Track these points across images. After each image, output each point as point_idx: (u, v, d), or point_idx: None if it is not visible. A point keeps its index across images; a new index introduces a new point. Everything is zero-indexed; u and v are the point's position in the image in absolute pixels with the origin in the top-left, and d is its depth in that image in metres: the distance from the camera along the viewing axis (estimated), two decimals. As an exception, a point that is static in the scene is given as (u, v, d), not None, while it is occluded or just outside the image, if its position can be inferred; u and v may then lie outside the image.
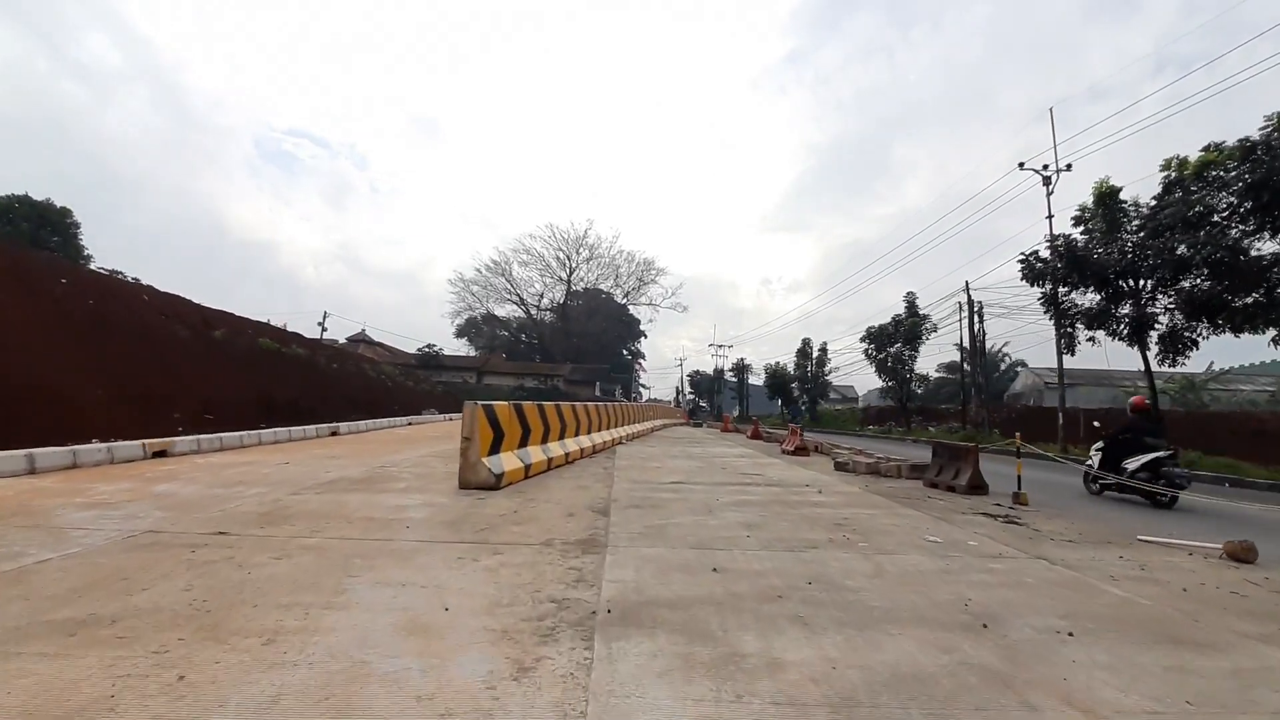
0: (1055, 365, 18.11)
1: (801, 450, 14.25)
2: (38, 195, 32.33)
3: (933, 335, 28.30)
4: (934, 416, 31.38)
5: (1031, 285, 15.84)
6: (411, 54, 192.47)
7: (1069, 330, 15.60)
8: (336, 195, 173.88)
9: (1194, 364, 15.91)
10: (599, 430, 14.38)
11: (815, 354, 44.03)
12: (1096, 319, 14.63)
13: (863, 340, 30.76)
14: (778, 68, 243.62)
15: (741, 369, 63.75)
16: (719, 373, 69.13)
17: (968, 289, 23.90)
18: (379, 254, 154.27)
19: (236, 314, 24.59)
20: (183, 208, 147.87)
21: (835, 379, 46.43)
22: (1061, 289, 15.57)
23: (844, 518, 6.17)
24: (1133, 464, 8.73)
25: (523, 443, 9.01)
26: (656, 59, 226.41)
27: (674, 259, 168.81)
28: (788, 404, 49.53)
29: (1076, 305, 15.36)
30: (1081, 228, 15.43)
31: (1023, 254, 16.28)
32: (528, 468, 8.61)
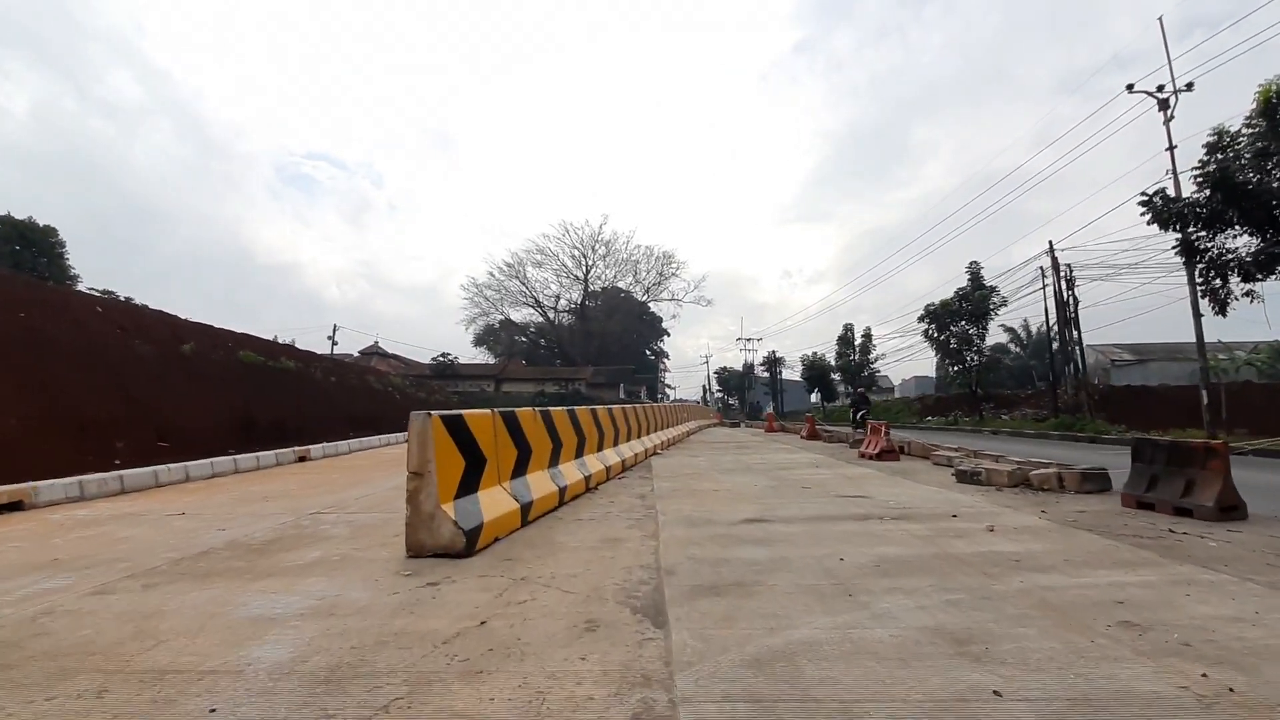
0: (1119, 341, 14.76)
1: (890, 453, 11.14)
2: (68, 229, 30.57)
3: (1002, 310, 24.92)
4: (1006, 403, 27.84)
5: (1164, 229, 12.52)
6: (422, 67, 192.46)
7: (1216, 284, 12.25)
8: (355, 214, 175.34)
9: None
10: (628, 439, 11.44)
11: (859, 341, 40.47)
12: (1266, 264, 11.26)
13: (921, 319, 27.36)
14: (787, 58, 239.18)
15: (773, 362, 60.27)
16: (749, 368, 65.74)
17: (1051, 249, 20.45)
18: (400, 270, 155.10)
19: (216, 326, 22.12)
20: (210, 235, 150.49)
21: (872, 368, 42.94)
22: (1201, 232, 12.26)
23: (1117, 600, 3.16)
24: None
25: (520, 469, 6.10)
26: (663, 60, 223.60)
27: (693, 257, 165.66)
28: (828, 398, 46.12)
29: (1228, 251, 12.01)
30: (1217, 156, 12.12)
31: (1144, 193, 12.99)
32: (526, 508, 5.69)
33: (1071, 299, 19.98)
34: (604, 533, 5.34)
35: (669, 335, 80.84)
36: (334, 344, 52.73)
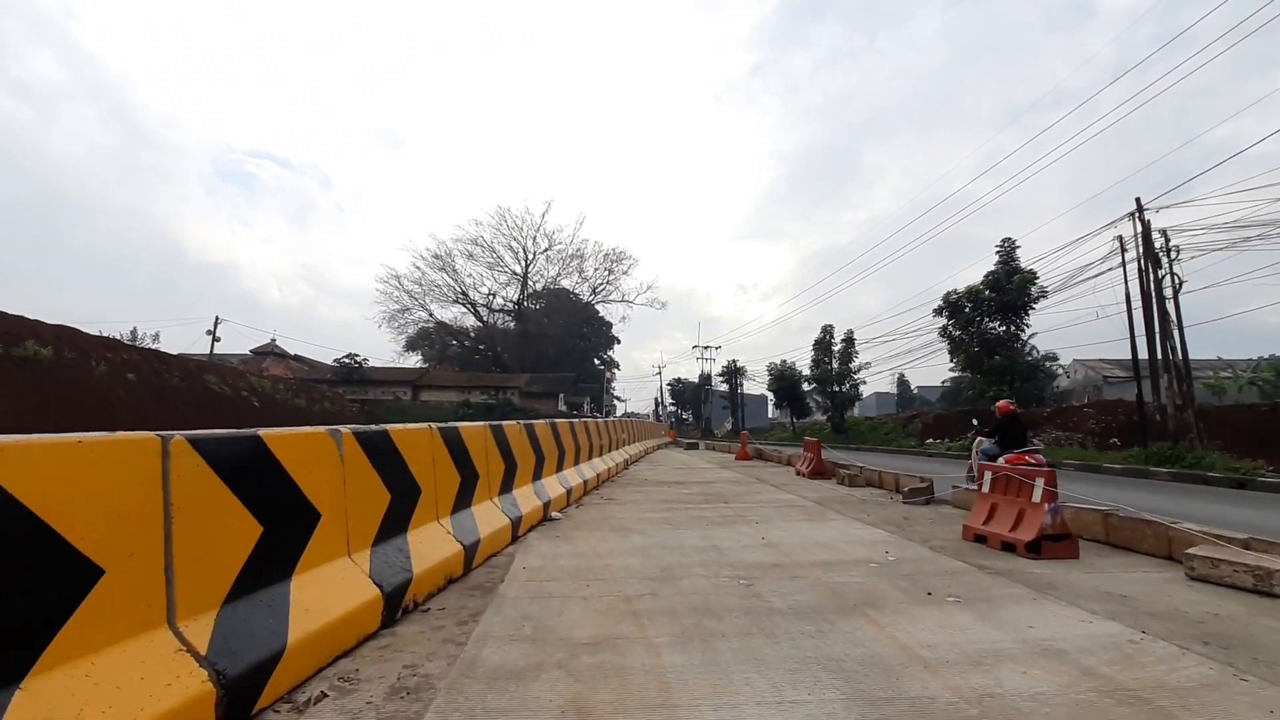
0: (1110, 357, 8.96)
1: (1066, 543, 4.66)
2: None
3: (1041, 304, 19.20)
4: (1030, 421, 22.15)
5: None
6: (376, 66, 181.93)
7: None
8: (300, 215, 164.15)
9: None
10: (503, 487, 4.83)
11: (839, 346, 34.36)
12: None
13: (938, 313, 21.48)
14: (743, 78, 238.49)
15: (734, 372, 54.06)
16: (706, 378, 59.49)
17: (1140, 210, 14.56)
18: (343, 273, 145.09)
19: None
20: (136, 230, 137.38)
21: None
22: None
23: None
24: None
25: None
26: (619, 77, 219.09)
27: (646, 265, 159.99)
28: (799, 413, 40.00)
29: None
30: None
31: None
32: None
33: (1175, 281, 14.24)
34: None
35: (619, 343, 74.06)
36: (215, 339, 43.92)
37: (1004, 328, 20.15)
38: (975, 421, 10.16)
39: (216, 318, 44.39)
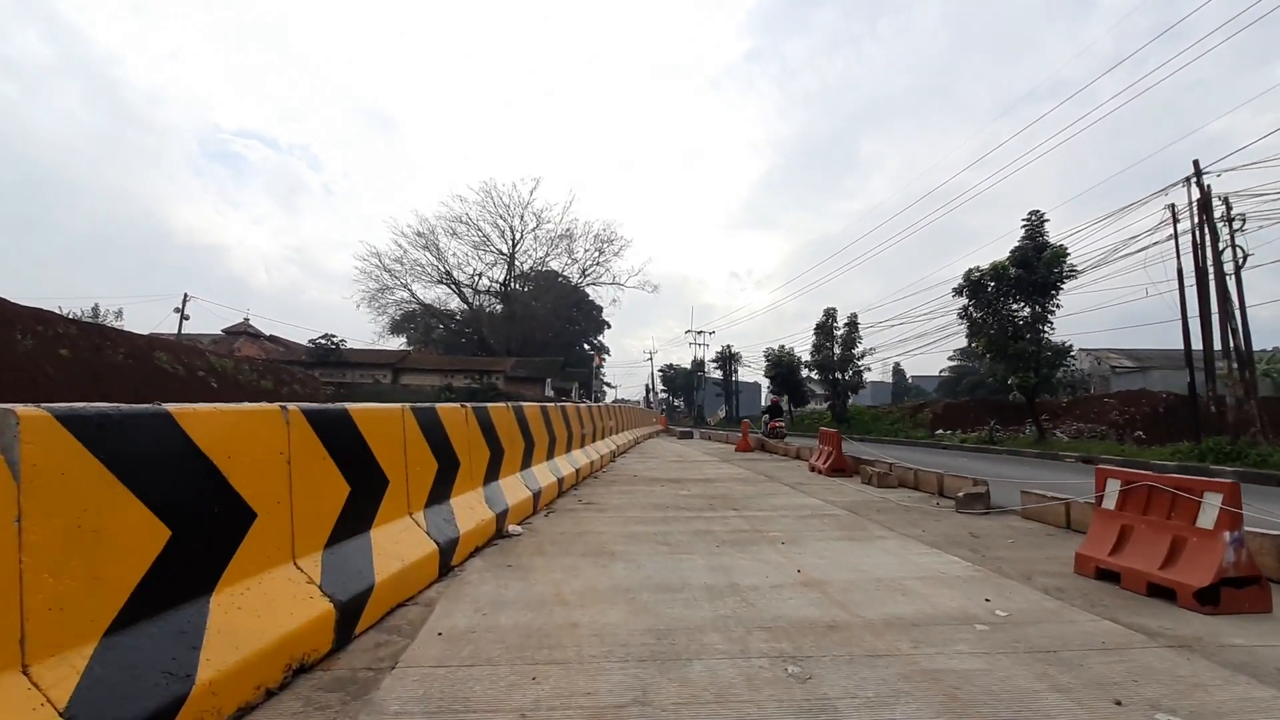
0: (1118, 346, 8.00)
1: (1254, 591, 3.05)
2: None
3: (1072, 284, 17.66)
4: (1049, 411, 20.53)
5: None
6: (366, 46, 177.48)
7: None
8: (288, 196, 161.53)
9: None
10: (431, 497, 3.32)
11: (842, 330, 32.70)
12: None
13: (957, 293, 19.83)
14: (740, 63, 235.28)
15: (728, 358, 52.40)
16: (699, 365, 57.80)
17: (1198, 172, 12.94)
18: (333, 256, 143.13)
19: None
20: (122, 210, 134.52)
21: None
22: None
23: None
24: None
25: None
26: (613, 60, 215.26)
27: (638, 249, 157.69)
28: (798, 401, 38.37)
29: None
30: None
31: None
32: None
33: (1234, 253, 12.59)
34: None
35: (609, 327, 72.08)
36: (183, 316, 41.78)
37: (1030, 309, 18.55)
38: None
39: (185, 295, 42.25)
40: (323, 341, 45.17)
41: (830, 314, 33.68)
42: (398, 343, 61.80)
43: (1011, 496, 7.08)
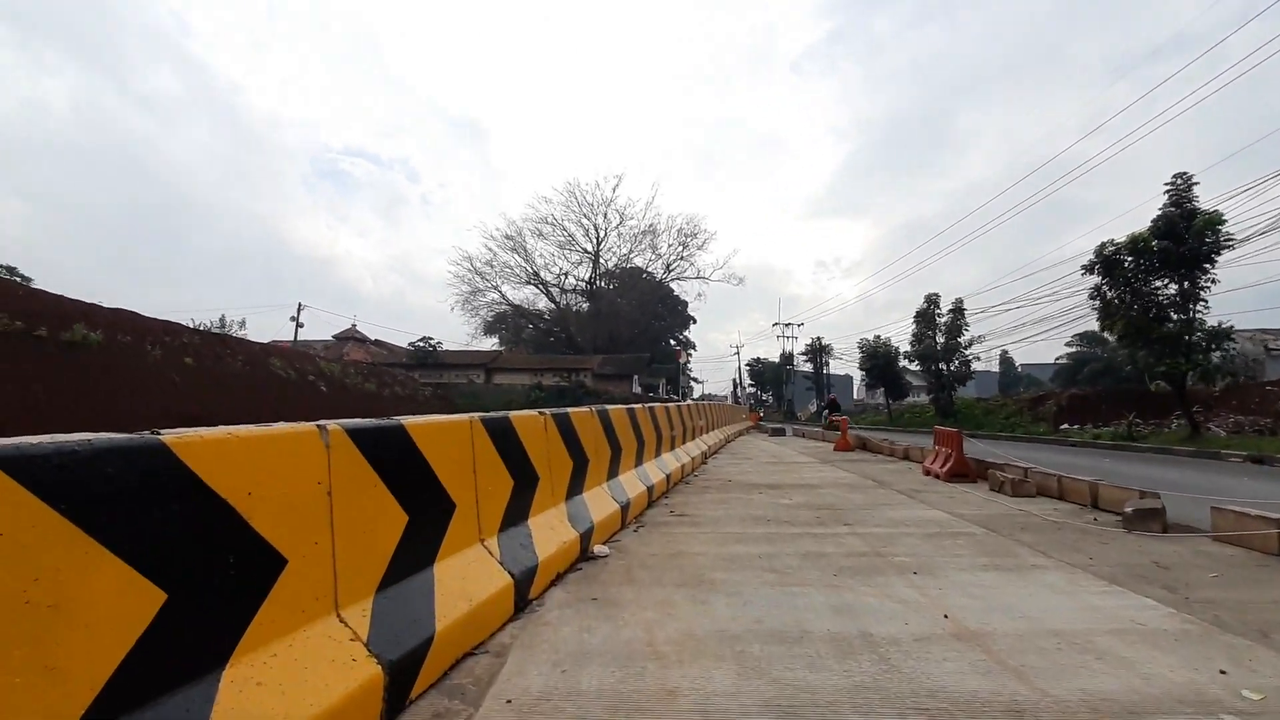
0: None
1: None
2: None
3: (1228, 256, 15.26)
4: (1230, 403, 17.74)
5: None
6: (456, 61, 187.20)
7: None
8: (389, 208, 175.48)
9: None
10: (506, 519, 2.80)
11: (945, 317, 30.37)
12: None
13: (1088, 270, 17.67)
14: (822, 45, 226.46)
15: (818, 351, 50.32)
16: (787, 358, 55.92)
17: None
18: (432, 263, 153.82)
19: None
20: (246, 228, 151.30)
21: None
22: None
23: None
24: None
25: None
26: (690, 54, 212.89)
27: (721, 238, 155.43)
28: (896, 394, 36.06)
29: None
30: None
31: None
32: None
33: None
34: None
35: (695, 322, 71.25)
36: (298, 325, 44.91)
37: (1177, 286, 16.15)
38: None
39: (299, 304, 45.40)
40: (421, 344, 47.26)
41: (932, 300, 31.30)
42: (490, 343, 63.92)
43: (1189, 510, 5.89)
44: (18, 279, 23.69)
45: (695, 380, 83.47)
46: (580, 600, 3.48)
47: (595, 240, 62.95)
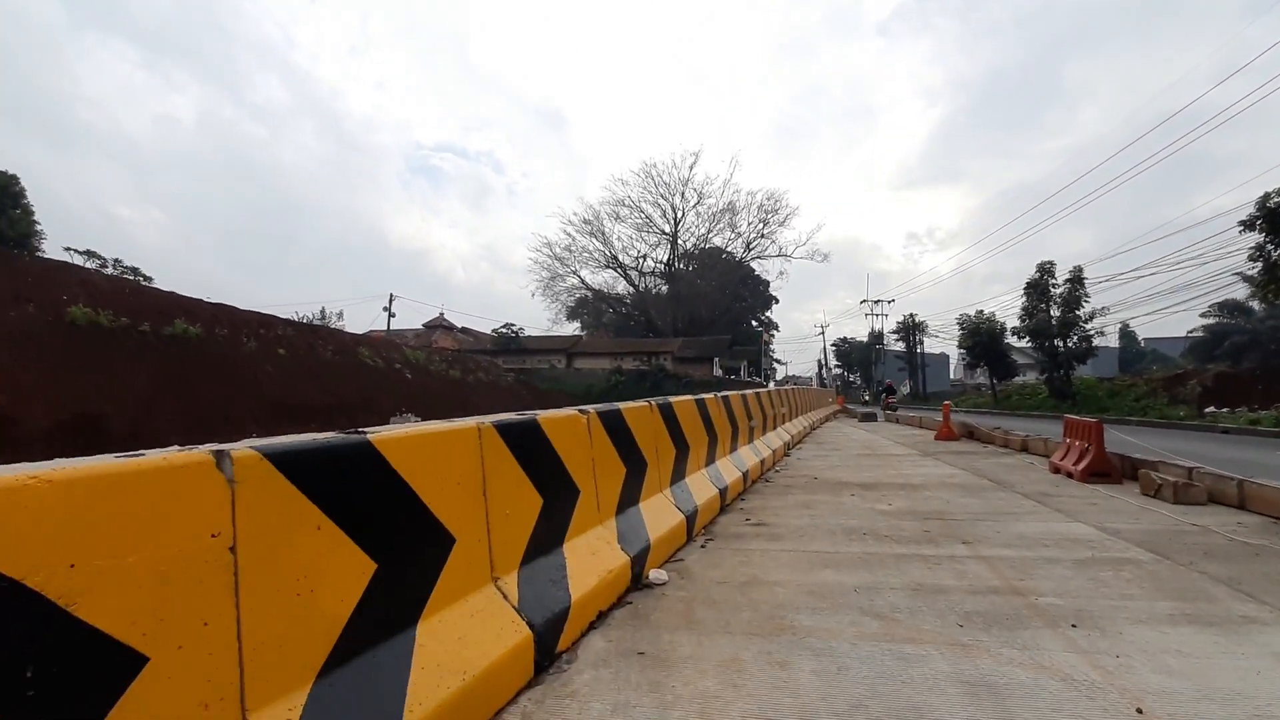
0: None
1: None
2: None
3: None
4: None
5: None
6: (535, 51, 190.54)
7: None
8: (477, 199, 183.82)
9: None
10: (532, 549, 2.25)
11: (1061, 288, 27.22)
12: None
13: (1247, 227, 15.02)
14: (912, 2, 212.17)
15: (911, 329, 47.21)
16: (877, 336, 52.96)
17: None
18: (518, 251, 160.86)
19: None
20: (349, 225, 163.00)
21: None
22: None
23: None
24: None
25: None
26: (770, 22, 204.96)
27: (806, 221, 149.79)
28: (1001, 374, 32.92)
29: None
30: None
31: None
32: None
33: None
34: None
35: (777, 302, 68.86)
36: (391, 315, 46.85)
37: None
38: None
39: (391, 295, 47.30)
40: (504, 330, 48.17)
41: (1046, 269, 28.05)
42: (572, 328, 64.49)
43: None
44: (140, 279, 25.55)
45: (778, 362, 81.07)
46: (622, 655, 2.72)
47: (673, 221, 61.93)
